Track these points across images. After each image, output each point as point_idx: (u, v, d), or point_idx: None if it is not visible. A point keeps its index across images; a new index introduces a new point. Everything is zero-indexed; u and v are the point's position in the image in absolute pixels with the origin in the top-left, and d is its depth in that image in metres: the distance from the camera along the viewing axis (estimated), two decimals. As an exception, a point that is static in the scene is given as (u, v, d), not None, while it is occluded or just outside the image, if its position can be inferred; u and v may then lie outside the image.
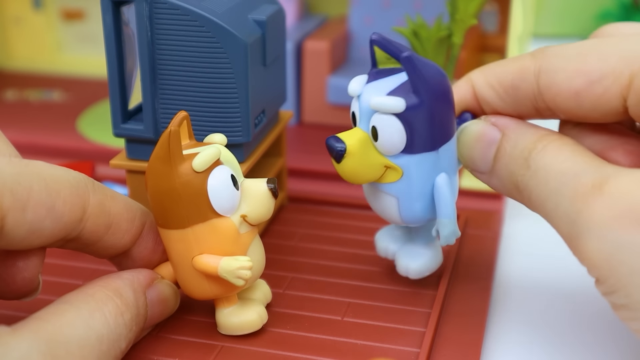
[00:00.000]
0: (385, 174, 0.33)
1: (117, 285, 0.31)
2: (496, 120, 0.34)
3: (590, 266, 0.29)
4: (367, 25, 0.58)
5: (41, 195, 0.28)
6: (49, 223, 0.28)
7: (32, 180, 0.28)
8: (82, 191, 0.30)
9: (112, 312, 0.29)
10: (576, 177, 0.29)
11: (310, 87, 0.55)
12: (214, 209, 0.31)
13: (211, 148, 0.31)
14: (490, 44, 0.59)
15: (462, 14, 0.43)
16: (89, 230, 0.30)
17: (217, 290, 0.32)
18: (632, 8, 0.74)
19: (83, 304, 0.29)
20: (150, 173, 0.31)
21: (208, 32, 0.34)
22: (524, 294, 0.38)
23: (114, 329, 0.29)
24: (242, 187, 0.32)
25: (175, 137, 0.30)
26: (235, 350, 0.33)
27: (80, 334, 0.27)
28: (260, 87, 0.37)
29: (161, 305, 0.32)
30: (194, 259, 0.31)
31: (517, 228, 0.44)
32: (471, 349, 0.33)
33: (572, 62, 0.31)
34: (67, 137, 0.54)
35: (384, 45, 0.32)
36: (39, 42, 0.67)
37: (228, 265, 0.31)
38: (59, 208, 0.28)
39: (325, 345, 0.33)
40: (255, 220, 0.32)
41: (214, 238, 0.31)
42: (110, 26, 0.35)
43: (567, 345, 0.34)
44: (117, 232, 0.31)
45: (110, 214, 0.31)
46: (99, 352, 0.28)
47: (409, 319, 0.35)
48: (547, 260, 0.41)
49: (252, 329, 0.33)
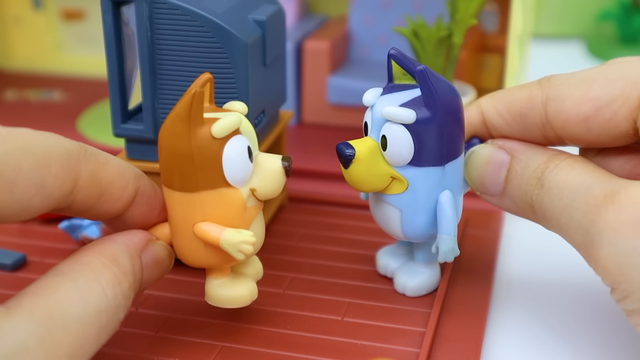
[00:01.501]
0: (390, 185, 0.34)
1: (113, 251, 0.29)
2: (503, 143, 0.35)
3: (604, 273, 0.30)
4: (367, 25, 0.58)
5: (30, 174, 0.26)
6: (38, 200, 0.27)
7: (22, 158, 0.26)
8: (74, 163, 0.28)
9: (110, 282, 0.28)
10: (589, 190, 0.30)
11: (310, 87, 0.55)
12: (225, 178, 0.30)
13: (233, 116, 0.30)
14: (490, 44, 0.59)
15: (462, 14, 0.43)
16: (79, 201, 0.29)
17: (213, 260, 0.31)
18: (632, 8, 0.74)
19: (79, 275, 0.28)
20: (167, 131, 0.30)
21: (208, 32, 0.34)
22: (524, 294, 0.38)
23: (112, 300, 0.28)
24: (256, 161, 0.31)
25: (198, 99, 0.29)
26: (235, 350, 0.33)
27: (77, 310, 0.26)
28: (260, 87, 0.37)
29: (156, 267, 0.31)
30: (196, 226, 0.31)
31: (517, 228, 0.44)
32: (471, 349, 0.33)
33: (578, 89, 0.32)
34: (67, 137, 0.53)
35: (400, 60, 0.33)
36: (39, 42, 0.67)
37: (231, 237, 0.30)
38: (48, 185, 0.27)
39: (325, 345, 0.33)
40: (264, 196, 0.31)
41: (220, 207, 0.31)
42: (110, 26, 0.35)
43: (567, 345, 0.34)
44: (108, 200, 0.30)
45: (102, 183, 0.30)
46: (99, 328, 0.27)
47: (409, 319, 0.35)
48: (547, 260, 0.41)
49: (241, 304, 0.33)
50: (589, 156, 0.34)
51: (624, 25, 0.74)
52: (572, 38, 0.80)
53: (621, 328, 0.35)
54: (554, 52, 0.77)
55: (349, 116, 0.55)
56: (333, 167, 0.49)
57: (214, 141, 0.30)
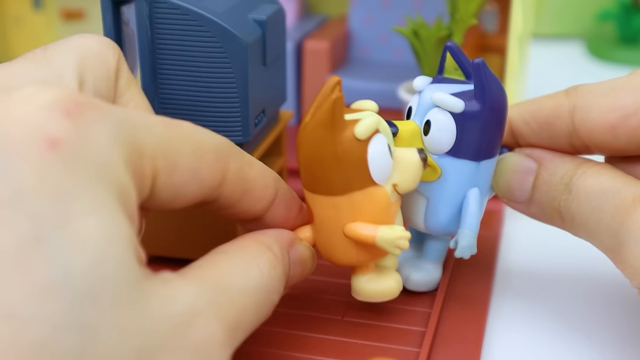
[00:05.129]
0: (423, 172, 0.34)
1: (267, 240, 0.30)
2: (531, 152, 0.35)
3: (633, 274, 0.30)
4: (367, 25, 0.58)
5: (188, 159, 0.28)
6: (193, 187, 0.28)
7: (182, 143, 0.28)
8: (224, 156, 0.30)
9: (266, 264, 0.29)
10: (617, 194, 0.31)
11: (310, 87, 0.55)
12: (372, 178, 0.31)
13: (372, 116, 0.31)
14: (490, 44, 0.59)
15: (462, 13, 0.43)
16: (226, 195, 0.30)
17: (363, 257, 0.32)
18: (632, 8, 0.74)
19: (239, 254, 0.29)
20: (308, 138, 0.31)
21: (208, 32, 0.34)
22: (525, 294, 0.38)
23: (268, 280, 0.29)
24: (394, 157, 0.32)
25: (340, 103, 0.30)
26: (235, 350, 0.33)
27: (240, 282, 0.27)
28: (260, 87, 0.37)
29: (300, 266, 0.32)
30: (347, 227, 0.31)
31: (517, 228, 0.44)
32: (472, 349, 0.33)
33: (606, 98, 0.32)
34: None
35: (456, 54, 0.33)
36: (39, 42, 0.67)
37: (387, 234, 0.31)
38: (203, 172, 0.28)
39: (325, 345, 0.33)
40: (405, 190, 0.32)
41: (370, 206, 0.31)
42: (110, 26, 0.35)
43: (567, 346, 0.34)
44: (251, 198, 0.31)
45: (248, 179, 0.31)
46: (257, 302, 0.28)
47: (409, 319, 0.35)
48: (548, 260, 0.41)
49: (391, 297, 0.33)
50: (614, 164, 0.34)
51: (624, 25, 0.75)
52: (572, 38, 0.80)
53: (622, 328, 0.36)
54: (554, 52, 0.77)
55: (348, 116, 0.55)
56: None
57: (358, 143, 0.30)
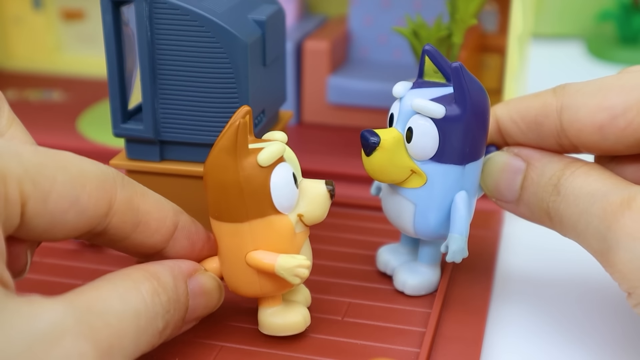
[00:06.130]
0: (409, 179, 0.34)
1: (156, 269, 0.30)
2: (519, 151, 0.35)
3: (621, 278, 0.30)
4: (367, 25, 0.58)
5: (65, 187, 0.27)
6: (72, 216, 0.28)
7: (57, 171, 0.27)
8: (110, 186, 0.29)
9: (149, 291, 0.29)
10: (605, 197, 0.31)
11: (310, 87, 0.55)
12: (274, 206, 0.31)
13: (277, 144, 0.31)
14: (490, 44, 0.59)
15: (462, 13, 0.43)
16: (115, 226, 0.30)
17: (267, 287, 0.32)
18: (632, 8, 0.74)
19: (119, 281, 0.28)
20: (213, 164, 0.31)
21: (208, 32, 0.34)
22: (524, 294, 0.38)
23: (151, 306, 0.29)
24: (301, 187, 0.32)
25: (243, 130, 0.30)
26: (235, 350, 0.33)
27: (116, 307, 0.27)
28: (260, 87, 0.37)
29: (204, 296, 0.32)
30: (249, 254, 0.31)
31: (517, 228, 0.44)
32: (471, 349, 0.33)
33: (593, 98, 0.32)
34: (67, 137, 0.54)
35: (435, 57, 0.33)
36: (39, 42, 0.67)
37: (286, 263, 0.31)
38: (83, 201, 0.28)
39: (325, 345, 0.33)
40: (311, 221, 0.32)
41: (271, 235, 0.31)
42: (110, 26, 0.35)
43: (567, 345, 0.34)
44: (145, 230, 0.31)
45: (139, 211, 0.30)
46: (137, 327, 0.28)
47: (409, 318, 0.35)
48: (547, 261, 0.41)
49: (296, 331, 0.33)
50: (602, 163, 0.34)
51: (624, 25, 0.74)
52: (572, 38, 0.80)
53: (623, 327, 0.36)
54: (554, 52, 0.77)
55: (349, 116, 0.55)
56: (333, 167, 0.49)
57: (261, 170, 0.30)
